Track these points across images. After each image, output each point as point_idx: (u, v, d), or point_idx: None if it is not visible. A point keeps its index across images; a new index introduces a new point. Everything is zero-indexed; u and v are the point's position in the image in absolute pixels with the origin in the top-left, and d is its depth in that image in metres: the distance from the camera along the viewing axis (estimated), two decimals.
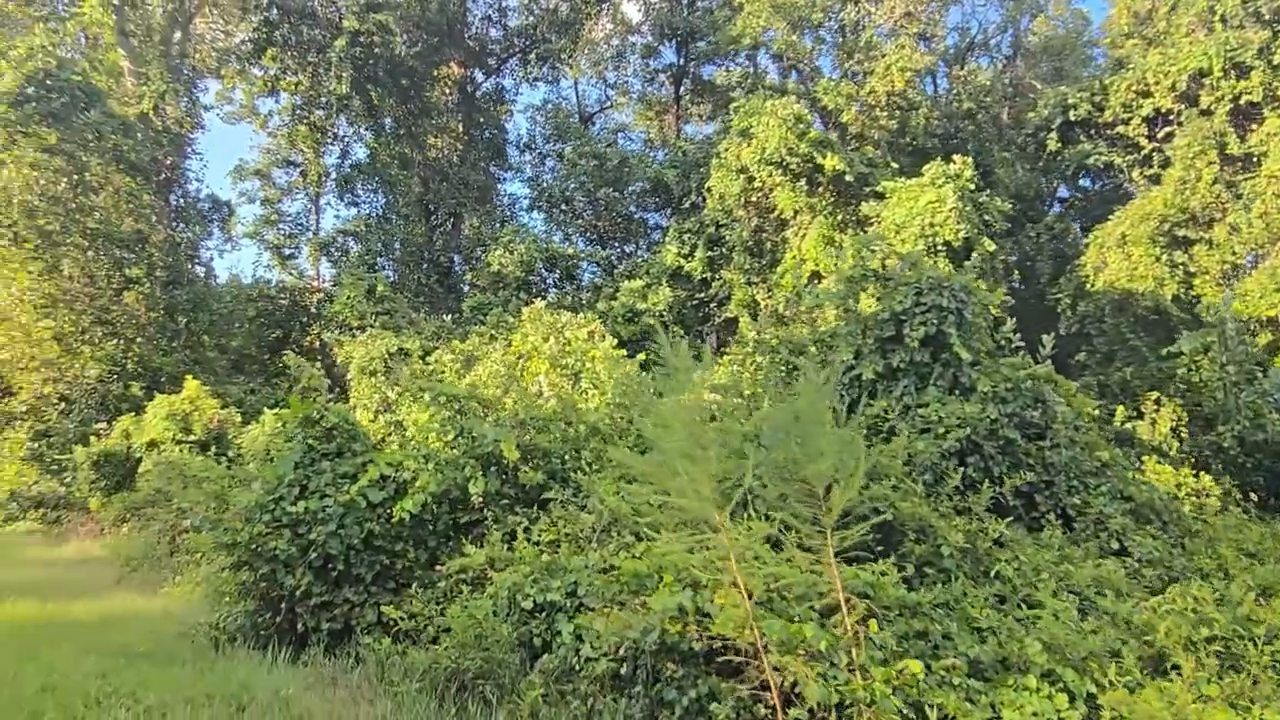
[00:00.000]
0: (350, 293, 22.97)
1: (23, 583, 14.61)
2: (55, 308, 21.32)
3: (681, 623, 5.98)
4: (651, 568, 6.95)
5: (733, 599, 4.89)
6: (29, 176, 20.82)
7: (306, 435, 9.98)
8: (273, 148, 32.46)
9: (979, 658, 6.38)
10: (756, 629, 4.75)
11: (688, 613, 5.94)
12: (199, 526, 9.31)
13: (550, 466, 10.16)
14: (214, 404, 20.11)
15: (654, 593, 6.70)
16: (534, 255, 26.05)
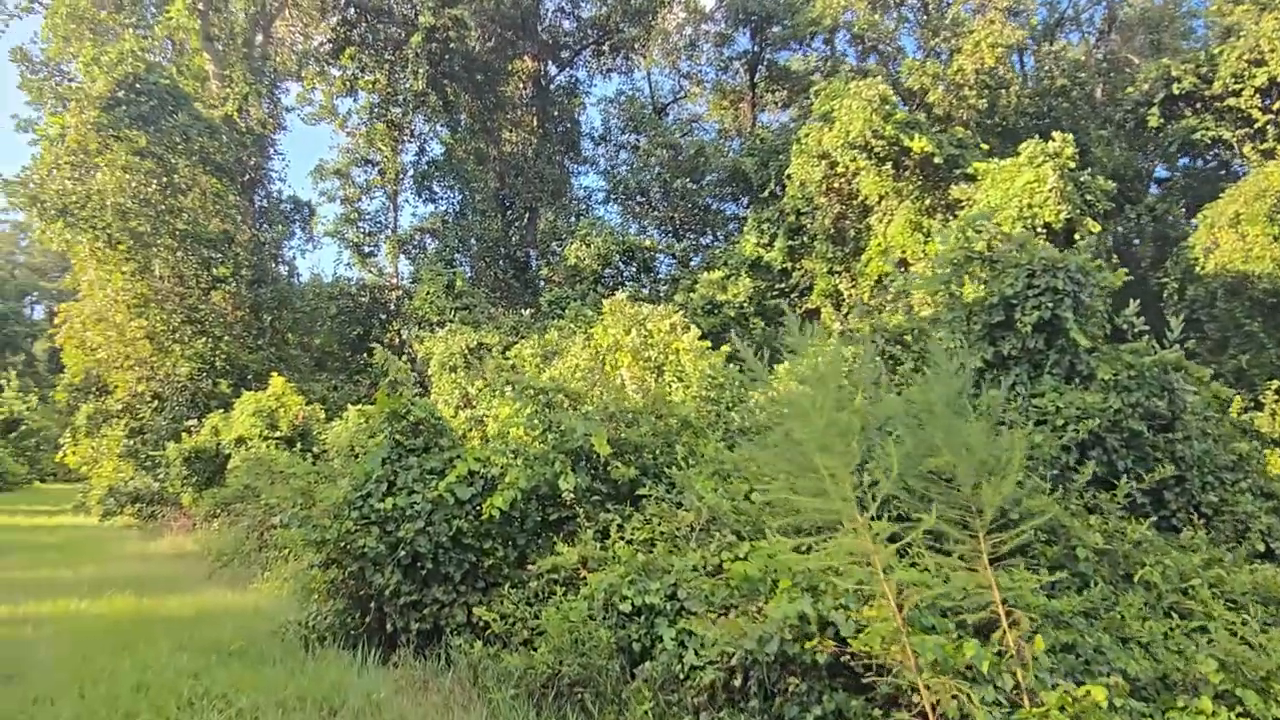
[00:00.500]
0: (429, 288, 22.99)
1: (120, 577, 14.86)
2: (147, 307, 21.88)
3: (803, 632, 5.45)
4: (763, 571, 6.43)
5: (882, 611, 4.34)
6: (121, 179, 21.37)
7: (393, 430, 9.74)
8: (351, 147, 32.93)
9: (1137, 676, 5.69)
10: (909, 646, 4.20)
11: (810, 621, 5.41)
12: (288, 523, 9.13)
13: (642, 461, 9.71)
14: (299, 400, 20.29)
15: (768, 598, 6.19)
16: (611, 248, 25.70)
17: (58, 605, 11.89)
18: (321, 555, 9.04)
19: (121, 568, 16.16)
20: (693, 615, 7.30)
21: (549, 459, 9.29)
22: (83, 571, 15.67)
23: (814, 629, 5.43)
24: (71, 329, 23.31)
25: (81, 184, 21.25)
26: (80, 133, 20.85)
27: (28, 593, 13.14)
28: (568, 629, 7.32)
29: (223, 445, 20.60)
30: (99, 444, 24.50)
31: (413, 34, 26.52)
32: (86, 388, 24.10)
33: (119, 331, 22.16)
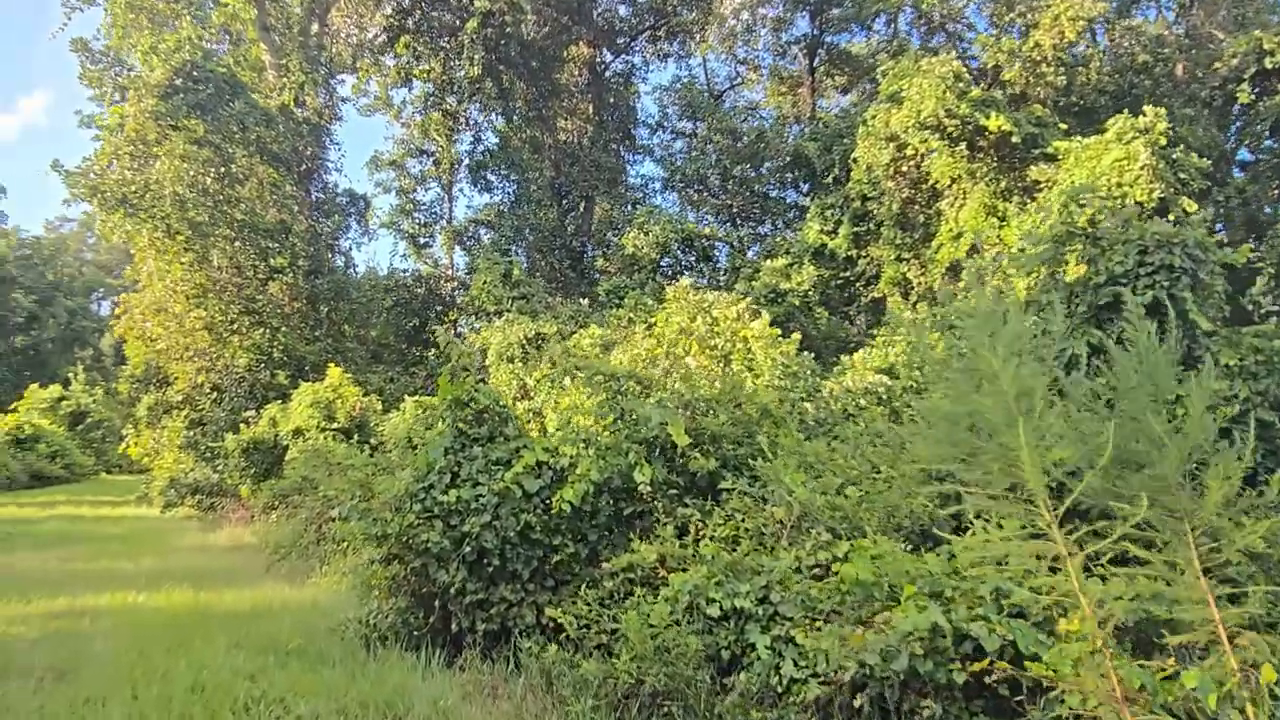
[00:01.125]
0: (486, 277, 22.57)
1: (179, 569, 14.64)
2: (206, 298, 21.83)
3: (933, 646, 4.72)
4: (876, 574, 5.69)
5: (1080, 628, 3.59)
6: (179, 168, 21.32)
7: (456, 419, 9.19)
8: (406, 138, 32.76)
9: None
10: (1112, 672, 3.44)
11: (945, 635, 4.67)
12: (346, 516, 8.63)
13: (721, 453, 9.01)
14: (356, 391, 20.00)
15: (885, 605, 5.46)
16: (669, 236, 25.01)
17: (116, 598, 11.63)
18: (382, 550, 8.53)
19: (180, 560, 15.99)
20: (787, 621, 6.62)
21: (622, 449, 8.65)
22: (142, 563, 15.53)
23: (948, 643, 4.68)
24: (132, 320, 23.40)
25: (140, 174, 21.26)
26: (139, 122, 20.85)
27: (88, 584, 12.95)
28: (650, 634, 6.67)
29: (280, 436, 20.40)
30: (160, 435, 24.60)
31: (468, 20, 26.12)
32: (148, 379, 24.19)
33: (178, 322, 22.15)
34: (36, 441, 44.68)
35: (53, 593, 12.12)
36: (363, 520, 8.54)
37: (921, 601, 4.93)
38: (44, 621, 10.23)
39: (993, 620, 4.66)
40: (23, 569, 14.97)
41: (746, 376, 14.84)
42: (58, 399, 54.47)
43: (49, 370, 67.57)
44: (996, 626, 4.56)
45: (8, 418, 45.85)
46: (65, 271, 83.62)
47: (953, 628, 4.69)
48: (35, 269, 77.77)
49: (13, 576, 14.01)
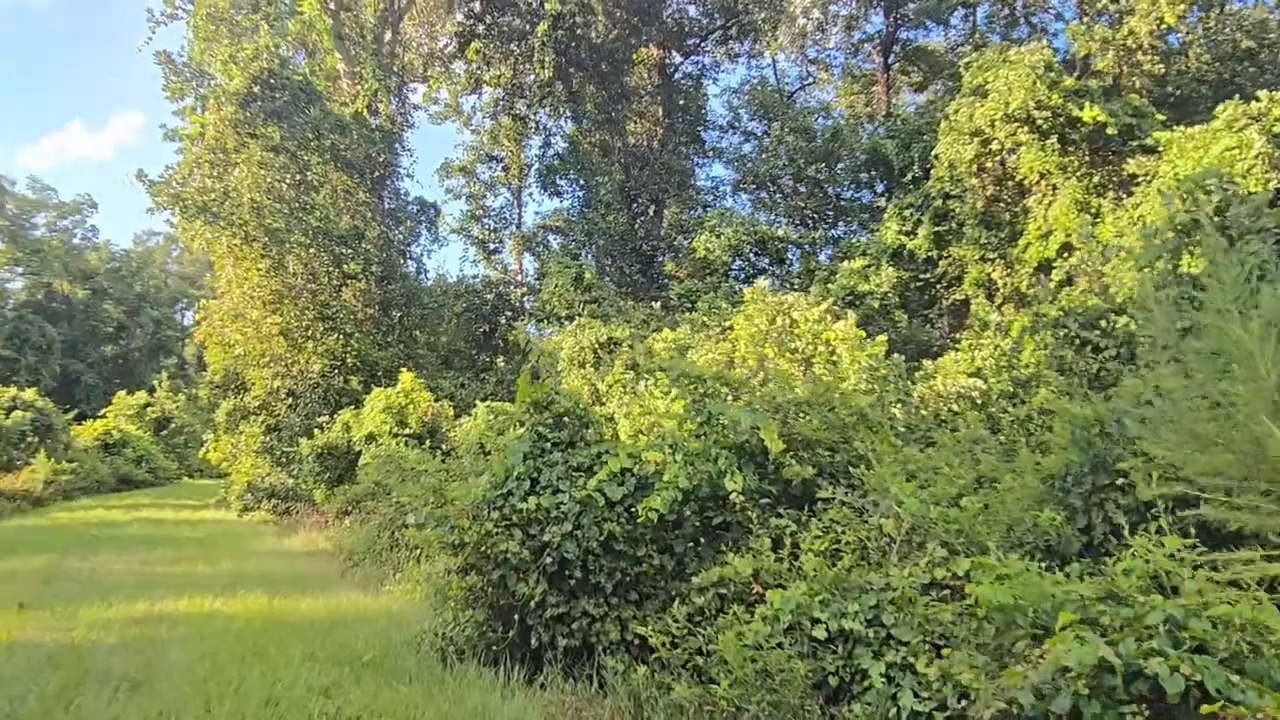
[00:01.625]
0: (557, 281, 22.30)
1: (254, 574, 14.61)
2: (282, 303, 22.06)
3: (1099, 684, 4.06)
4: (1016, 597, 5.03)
5: None
6: (257, 175, 21.61)
7: (535, 423, 8.77)
8: (475, 144, 32.89)
9: None
10: None
11: (1114, 672, 4.01)
12: (423, 523, 8.27)
13: (816, 459, 8.40)
14: (428, 396, 19.89)
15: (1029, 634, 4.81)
16: (741, 239, 24.40)
17: (193, 603, 11.54)
18: (460, 560, 8.14)
19: (256, 564, 16.00)
20: (903, 646, 5.99)
21: (710, 455, 8.10)
22: (219, 567, 15.56)
23: (1117, 681, 4.02)
24: (211, 325, 23.80)
25: (220, 182, 21.61)
26: (218, 130, 21.21)
27: (167, 588, 12.95)
28: (749, 656, 6.11)
29: (353, 442, 20.39)
30: (238, 440, 24.94)
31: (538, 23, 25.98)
32: (227, 385, 24.58)
33: (255, 328, 22.43)
34: (124, 446, 46.14)
35: (132, 596, 12.12)
36: (439, 528, 8.15)
37: (1080, 630, 4.27)
38: (123, 627, 10.15)
39: (1171, 655, 3.98)
40: (105, 571, 15.13)
41: (831, 380, 14.17)
42: (143, 405, 56.32)
43: (136, 378, 70.09)
44: (1178, 663, 3.89)
45: (97, 424, 47.49)
46: (152, 283, 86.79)
47: (1123, 663, 4.02)
48: (124, 281, 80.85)
49: (96, 579, 14.14)
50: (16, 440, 34.85)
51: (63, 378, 67.61)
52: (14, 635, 9.80)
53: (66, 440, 39.54)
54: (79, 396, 63.76)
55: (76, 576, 14.59)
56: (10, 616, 10.78)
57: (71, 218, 79.69)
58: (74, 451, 39.28)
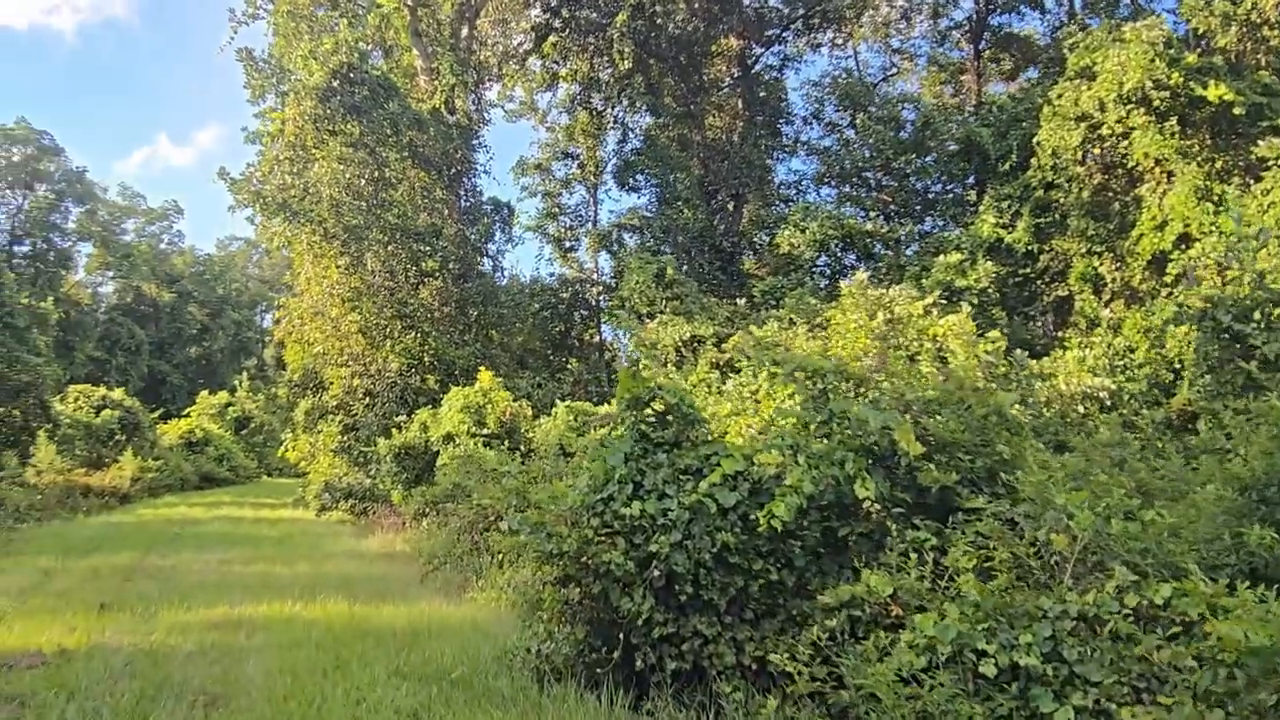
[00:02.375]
0: (638, 277, 21.57)
1: (333, 576, 14.20)
2: (360, 301, 21.84)
3: None
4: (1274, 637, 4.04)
5: None
6: (336, 171, 21.44)
7: (637, 420, 8.00)
8: (551, 141, 32.44)
9: None
10: None
11: None
12: (516, 529, 7.56)
13: (956, 464, 7.44)
14: (506, 395, 19.35)
15: None
16: (828, 233, 23.33)
17: (272, 607, 11.10)
18: (556, 570, 7.41)
19: (334, 566, 15.62)
20: (1092, 687, 5.04)
21: (835, 458, 7.21)
22: (297, 568, 15.23)
23: None
24: (291, 323, 23.75)
25: (299, 178, 21.51)
26: (298, 125, 21.10)
27: (246, 590, 12.59)
28: (906, 693, 5.22)
29: (431, 442, 19.99)
30: (316, 439, 24.86)
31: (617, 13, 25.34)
32: (305, 384, 24.52)
33: (334, 326, 22.26)
34: (206, 445, 47.17)
35: (211, 599, 11.77)
36: (534, 535, 7.43)
37: None
38: (201, 632, 9.73)
39: None
40: (185, 570, 14.93)
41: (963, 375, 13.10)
42: (225, 405, 57.67)
43: (218, 379, 72.03)
44: None
45: (181, 422, 48.70)
46: (233, 286, 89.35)
47: None
48: (207, 284, 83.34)
49: (176, 578, 13.92)
50: (105, 438, 35.76)
51: (150, 378, 69.85)
52: (93, 638, 9.46)
53: (153, 438, 40.51)
54: (165, 396, 65.74)
55: (157, 574, 14.41)
56: (91, 618, 10.49)
57: (159, 223, 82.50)
58: (159, 449, 40.21)
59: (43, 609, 11.13)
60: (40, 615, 10.68)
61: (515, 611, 10.23)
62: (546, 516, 7.62)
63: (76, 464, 32.17)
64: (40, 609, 11.13)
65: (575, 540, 7.22)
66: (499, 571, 12.60)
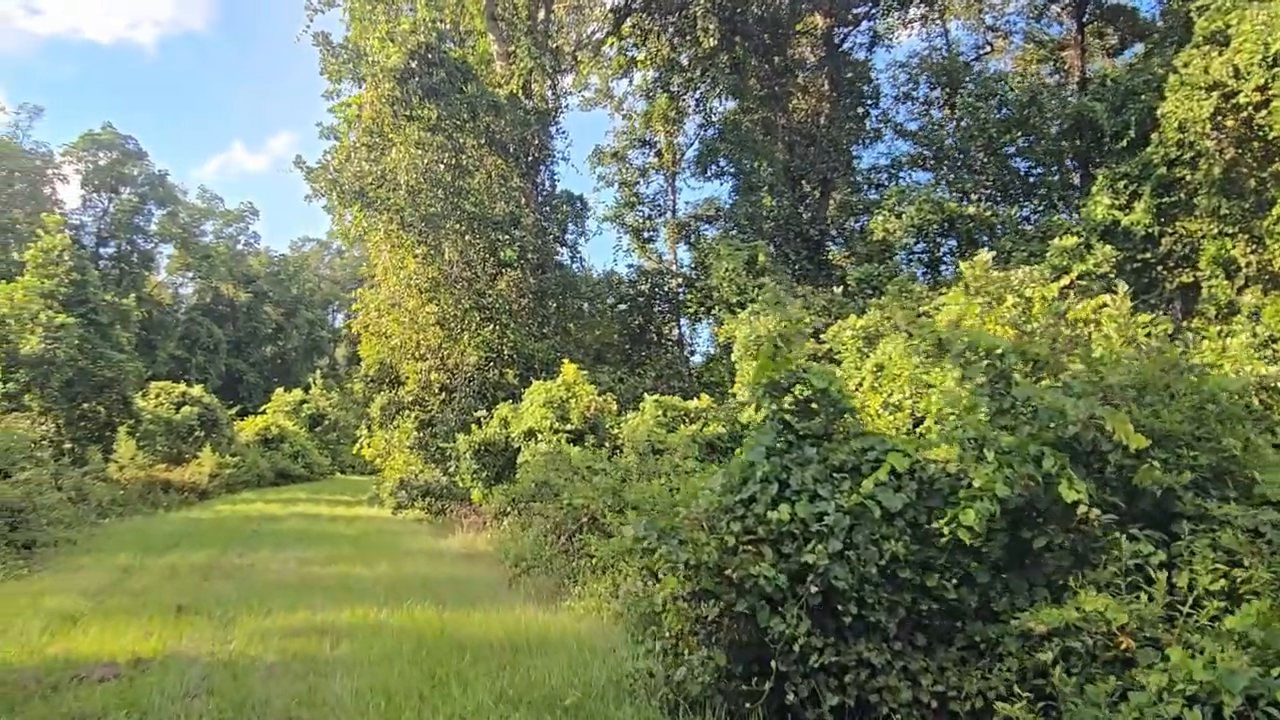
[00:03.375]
0: (728, 264, 20.35)
1: (415, 578, 13.37)
2: (438, 291, 21.07)
3: None
4: None
5: None
6: (413, 156, 20.70)
7: (780, 410, 6.87)
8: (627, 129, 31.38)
9: None
10: None
11: None
12: (642, 535, 6.47)
13: (1182, 461, 6.13)
14: (591, 389, 18.36)
15: None
16: (926, 218, 21.79)
17: (355, 614, 10.27)
18: (691, 584, 6.30)
19: (415, 567, 14.81)
20: None
21: (1029, 454, 5.96)
22: (377, 569, 14.48)
23: None
24: (367, 316, 23.17)
25: (376, 165, 20.86)
26: (375, 109, 20.44)
27: (326, 593, 11.83)
28: None
29: (512, 438, 19.13)
30: (391, 436, 24.27)
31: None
32: (381, 379, 23.94)
33: (411, 317, 21.56)
34: (281, 441, 47.51)
35: (291, 602, 11.02)
36: (662, 542, 6.34)
37: None
38: (282, 640, 8.92)
39: None
40: (263, 569, 14.31)
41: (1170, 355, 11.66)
42: (299, 402, 58.24)
43: (292, 377, 73.06)
44: None
45: (258, 419, 49.18)
46: (307, 286, 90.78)
47: None
48: (282, 284, 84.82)
49: (254, 578, 13.27)
50: (185, 434, 36.02)
51: (228, 376, 71.18)
52: (169, 646, 8.73)
53: (230, 435, 40.81)
54: (243, 394, 66.83)
55: (235, 574, 13.80)
56: (168, 621, 9.80)
57: (235, 225, 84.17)
58: (236, 446, 40.48)
59: (120, 610, 10.51)
60: (117, 617, 10.04)
61: (620, 624, 9.20)
62: (678, 520, 6.53)
63: (157, 460, 32.38)
64: (117, 610, 10.51)
65: (714, 549, 6.12)
66: (595, 577, 11.59)
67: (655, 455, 16.73)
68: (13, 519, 16.99)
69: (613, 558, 10.57)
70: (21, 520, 17.25)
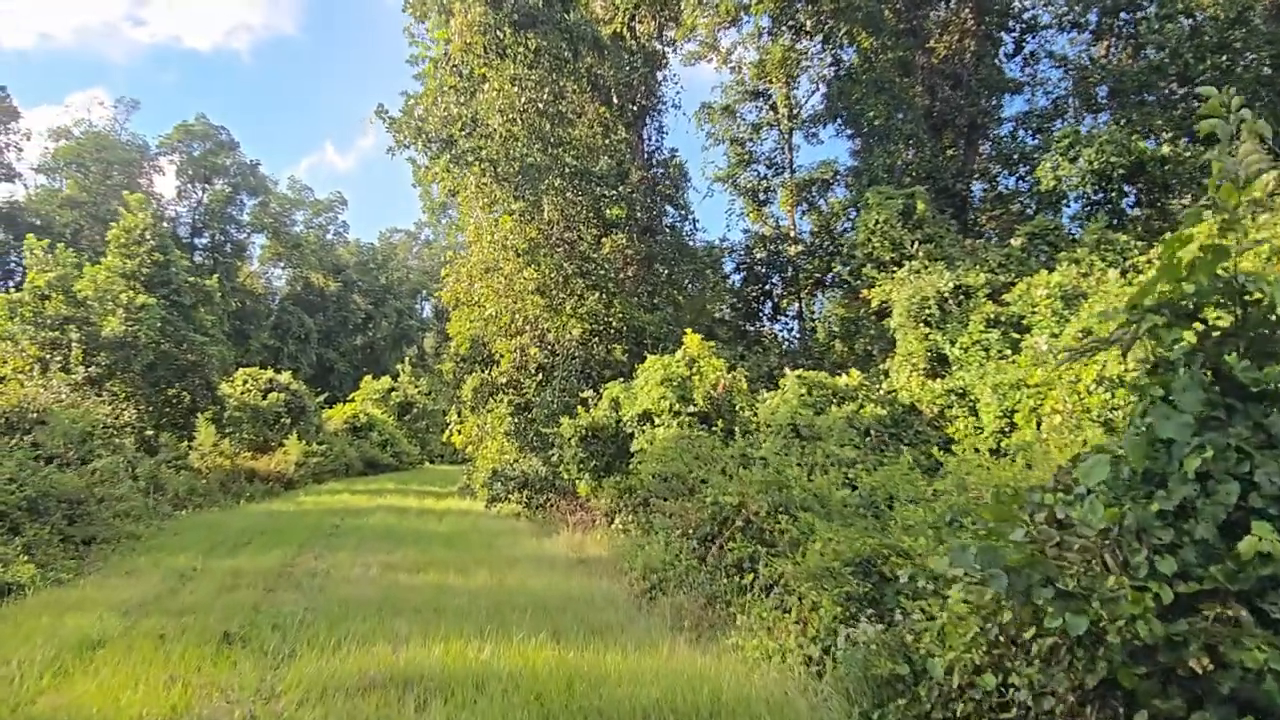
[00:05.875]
0: (878, 216, 17.11)
1: (524, 594, 10.72)
2: (537, 255, 18.40)
3: None
4: None
5: None
6: (510, 94, 18.02)
7: (1203, 351, 3.84)
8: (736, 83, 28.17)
9: None
10: None
11: None
12: (976, 569, 3.54)
13: None
14: (720, 364, 15.44)
15: None
16: (1109, 160, 18.11)
17: (450, 651, 7.62)
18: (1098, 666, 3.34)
19: (519, 577, 12.15)
20: None
21: None
22: (474, 579, 11.91)
23: None
24: (459, 284, 20.73)
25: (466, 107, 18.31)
26: (465, 39, 17.81)
27: (413, 615, 9.25)
28: None
29: (623, 422, 16.39)
30: (484, 421, 21.86)
31: None
32: (473, 358, 21.53)
33: (507, 283, 18.98)
34: (370, 429, 46.17)
35: (369, 630, 8.46)
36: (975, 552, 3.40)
37: None
38: (349, 701, 6.29)
39: None
40: (340, 577, 11.90)
41: None
42: (387, 390, 57.12)
43: (380, 366, 72.40)
44: None
45: (346, 407, 48.01)
46: (395, 276, 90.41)
47: None
48: (370, 273, 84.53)
49: (327, 591, 10.84)
50: (272, 421, 34.65)
51: (319, 366, 70.95)
52: (194, 702, 6.24)
53: (317, 423, 39.43)
54: (333, 384, 66.39)
55: (306, 583, 11.42)
56: (205, 659, 7.36)
57: (325, 215, 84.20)
58: (324, 434, 39.08)
59: (152, 636, 8.14)
60: (145, 648, 7.66)
61: (832, 682, 6.33)
62: (1028, 550, 3.57)
63: (243, 448, 30.98)
64: (149, 636, 8.14)
65: (1142, 607, 3.15)
66: (757, 599, 8.70)
67: (801, 442, 13.76)
68: (71, 512, 15.09)
69: (795, 579, 7.68)
70: (81, 513, 15.36)
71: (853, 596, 6.56)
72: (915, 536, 6.83)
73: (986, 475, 8.25)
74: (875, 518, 7.66)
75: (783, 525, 8.53)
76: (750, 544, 9.35)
